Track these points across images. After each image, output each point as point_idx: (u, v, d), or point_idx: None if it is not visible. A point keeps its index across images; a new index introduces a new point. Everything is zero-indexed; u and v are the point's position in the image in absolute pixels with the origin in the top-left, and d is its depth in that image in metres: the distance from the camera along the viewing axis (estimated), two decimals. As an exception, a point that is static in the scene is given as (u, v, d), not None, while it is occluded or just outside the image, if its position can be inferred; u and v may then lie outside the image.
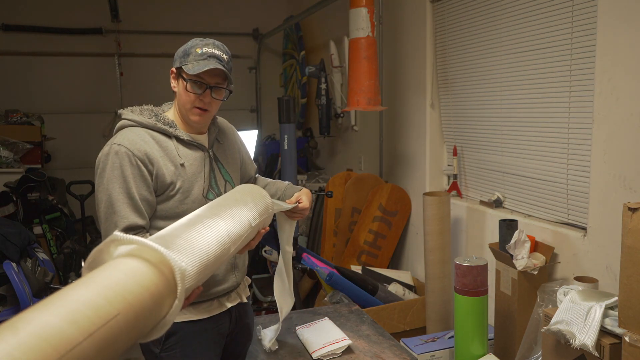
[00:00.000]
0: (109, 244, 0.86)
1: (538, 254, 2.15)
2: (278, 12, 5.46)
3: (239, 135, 1.79)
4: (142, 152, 1.41)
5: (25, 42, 4.88)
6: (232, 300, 1.61)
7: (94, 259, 0.86)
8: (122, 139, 1.43)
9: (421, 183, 3.17)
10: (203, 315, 1.53)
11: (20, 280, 2.68)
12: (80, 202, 4.40)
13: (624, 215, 1.40)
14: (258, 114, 5.72)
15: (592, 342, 1.48)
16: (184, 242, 0.99)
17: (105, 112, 5.17)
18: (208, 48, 1.46)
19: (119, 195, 1.38)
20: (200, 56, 1.45)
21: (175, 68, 1.51)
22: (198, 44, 1.47)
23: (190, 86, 1.47)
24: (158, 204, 1.46)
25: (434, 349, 2.26)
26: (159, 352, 1.48)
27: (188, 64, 1.45)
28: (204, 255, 1.01)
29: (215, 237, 1.08)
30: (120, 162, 1.39)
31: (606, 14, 1.88)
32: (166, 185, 1.45)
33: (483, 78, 2.69)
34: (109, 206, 1.38)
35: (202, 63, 1.44)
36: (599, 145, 1.96)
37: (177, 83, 1.52)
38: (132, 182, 1.39)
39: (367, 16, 2.96)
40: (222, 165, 1.61)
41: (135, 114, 1.49)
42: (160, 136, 1.48)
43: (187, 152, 1.51)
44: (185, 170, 1.49)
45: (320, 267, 2.79)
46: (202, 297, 1.51)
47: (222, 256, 1.10)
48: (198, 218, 1.12)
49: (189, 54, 1.46)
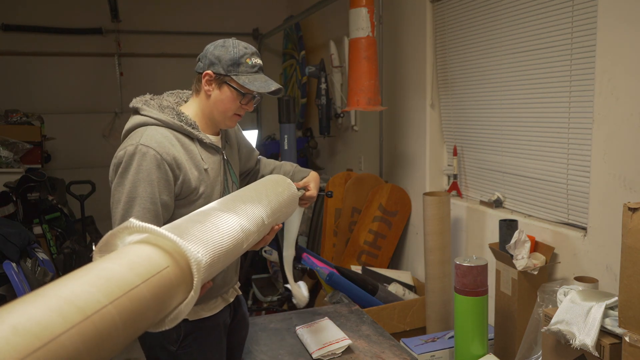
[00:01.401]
0: (123, 230, 0.86)
1: (538, 254, 2.15)
2: (278, 12, 5.46)
3: (240, 129, 1.77)
4: (170, 156, 1.36)
5: (25, 42, 4.88)
6: (231, 294, 1.66)
7: (106, 243, 0.87)
8: (148, 139, 1.36)
9: (421, 183, 3.17)
10: (213, 311, 1.56)
11: (20, 280, 2.68)
12: (80, 202, 4.40)
13: (624, 215, 1.40)
14: (258, 114, 5.72)
15: (592, 342, 1.48)
16: (199, 233, 0.98)
17: (105, 112, 5.18)
18: (255, 59, 1.46)
19: (140, 199, 1.33)
20: (252, 68, 1.44)
21: (213, 72, 1.44)
22: (246, 52, 1.44)
23: (242, 99, 1.46)
24: (179, 207, 1.42)
25: (434, 349, 2.26)
26: (176, 349, 1.50)
27: (241, 75, 1.43)
28: (218, 248, 1.00)
29: (228, 231, 1.07)
30: (147, 165, 1.33)
31: (606, 14, 1.88)
32: (191, 190, 1.42)
33: (483, 78, 2.69)
34: (128, 208, 1.33)
35: (260, 79, 1.44)
36: (599, 145, 1.96)
37: (213, 87, 1.46)
38: (157, 187, 1.34)
39: (367, 16, 2.96)
40: (231, 167, 1.61)
41: (155, 110, 1.43)
42: (184, 138, 1.44)
43: (209, 156, 1.49)
44: (208, 175, 1.47)
45: (320, 267, 2.79)
46: (212, 295, 1.55)
47: (234, 250, 1.09)
48: (212, 211, 1.12)
49: (240, 63, 1.43)
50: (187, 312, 0.87)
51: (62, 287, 0.65)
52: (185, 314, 0.87)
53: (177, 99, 1.55)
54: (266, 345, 1.98)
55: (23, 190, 3.78)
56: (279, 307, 3.22)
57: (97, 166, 4.98)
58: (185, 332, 1.49)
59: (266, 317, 2.26)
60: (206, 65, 1.44)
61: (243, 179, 1.82)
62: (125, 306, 0.69)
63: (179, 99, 1.55)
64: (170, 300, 0.83)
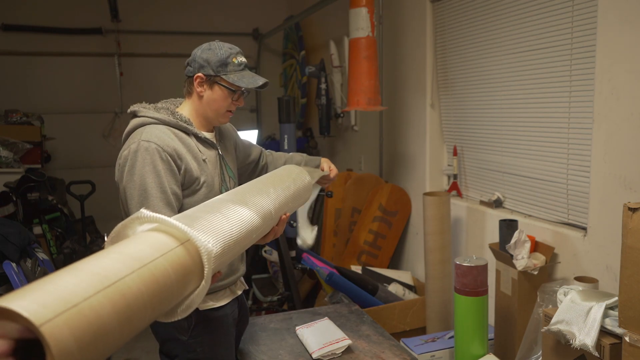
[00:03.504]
0: (134, 220, 0.88)
1: (538, 254, 2.15)
2: (278, 12, 5.46)
3: (235, 130, 1.87)
4: (171, 148, 1.47)
5: (25, 42, 4.88)
6: (239, 287, 1.74)
7: (118, 234, 0.89)
8: (149, 135, 1.46)
9: (421, 183, 3.17)
10: (222, 302, 1.63)
11: (20, 280, 2.68)
12: (80, 202, 4.40)
13: (624, 215, 1.40)
14: (258, 114, 5.72)
15: (592, 342, 1.48)
16: (208, 223, 0.99)
17: (105, 112, 5.18)
18: (240, 57, 1.57)
19: (152, 190, 1.42)
20: (239, 66, 1.56)
21: (204, 74, 1.55)
22: (231, 52, 1.56)
23: (233, 95, 1.57)
24: (184, 197, 1.52)
25: (434, 349, 2.26)
26: (187, 339, 1.58)
27: (229, 74, 1.54)
28: (227, 238, 1.01)
29: (238, 222, 1.08)
30: (151, 158, 1.43)
31: (606, 14, 1.88)
32: (193, 180, 1.52)
33: (483, 78, 2.69)
34: (142, 201, 1.42)
35: (246, 75, 1.55)
36: (599, 145, 1.95)
37: (205, 89, 1.57)
38: (164, 177, 1.44)
39: (367, 16, 2.96)
40: (226, 162, 1.69)
41: (152, 111, 1.54)
42: (181, 134, 1.54)
43: (205, 149, 1.59)
44: (207, 166, 1.57)
45: (320, 267, 2.79)
46: (220, 286, 1.62)
47: (243, 241, 1.11)
48: (221, 202, 1.14)
49: (227, 63, 1.54)
50: (198, 302, 0.90)
51: (94, 260, 0.73)
52: (197, 304, 0.90)
53: (171, 104, 1.65)
54: (266, 345, 1.98)
55: (23, 190, 3.78)
56: (279, 307, 3.22)
57: (97, 166, 4.98)
58: (195, 321, 1.57)
59: (266, 317, 2.26)
60: (196, 69, 1.56)
61: (251, 174, 1.93)
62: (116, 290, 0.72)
63: (172, 105, 1.65)
64: (187, 281, 0.85)
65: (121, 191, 1.47)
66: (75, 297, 0.63)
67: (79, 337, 0.61)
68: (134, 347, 3.48)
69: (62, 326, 0.59)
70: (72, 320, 0.61)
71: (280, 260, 3.10)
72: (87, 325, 0.62)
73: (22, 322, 0.57)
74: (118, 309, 0.67)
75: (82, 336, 0.61)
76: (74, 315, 0.61)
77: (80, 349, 0.61)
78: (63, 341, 0.59)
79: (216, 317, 1.61)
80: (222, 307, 1.63)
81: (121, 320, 0.68)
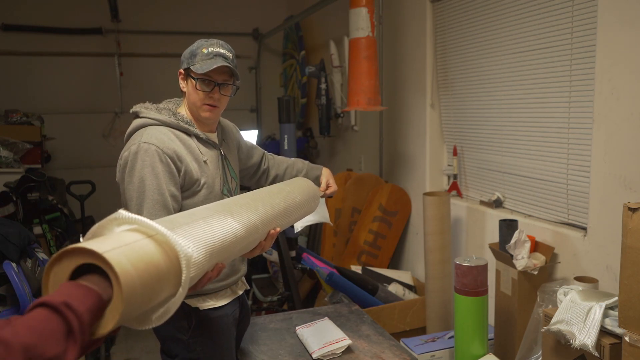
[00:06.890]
0: (111, 221, 0.86)
1: (538, 254, 2.15)
2: (278, 12, 5.45)
3: (238, 130, 1.87)
4: (171, 150, 1.47)
5: (25, 42, 4.88)
6: (240, 287, 1.74)
7: (94, 235, 0.85)
8: (149, 137, 1.47)
9: (421, 183, 3.17)
10: (222, 302, 1.63)
11: (20, 280, 2.67)
12: (80, 202, 4.39)
13: (624, 215, 1.40)
14: (258, 114, 5.71)
15: (592, 342, 1.48)
16: (191, 229, 0.97)
17: (105, 112, 5.17)
18: (213, 47, 1.53)
19: (149, 191, 1.43)
20: (207, 56, 1.52)
21: (183, 69, 1.57)
22: (203, 44, 1.54)
23: (199, 85, 1.53)
24: (185, 199, 1.52)
25: (434, 349, 2.26)
26: (187, 338, 1.58)
27: (196, 64, 1.52)
28: (209, 245, 0.99)
29: (221, 231, 1.06)
30: (150, 159, 1.44)
31: (606, 14, 1.88)
32: (193, 181, 1.52)
33: (483, 78, 2.69)
34: (141, 202, 1.43)
35: (209, 62, 1.50)
36: (599, 145, 1.95)
37: (185, 83, 1.58)
38: (162, 179, 1.44)
39: (367, 16, 2.96)
40: (229, 162, 1.69)
41: (153, 112, 1.54)
42: (182, 135, 1.54)
43: (206, 150, 1.59)
44: (208, 167, 1.57)
45: (320, 267, 2.79)
46: (221, 285, 1.63)
47: (226, 252, 1.08)
48: (207, 210, 1.13)
49: (196, 54, 1.53)
50: (174, 309, 0.86)
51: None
52: (172, 312, 0.87)
53: (173, 104, 1.65)
54: (266, 345, 1.98)
55: (23, 190, 3.77)
56: (279, 307, 3.22)
57: (97, 166, 4.98)
58: (196, 321, 1.57)
59: (266, 317, 2.26)
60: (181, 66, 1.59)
61: (252, 177, 1.92)
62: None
63: (174, 105, 1.65)
64: (162, 283, 0.82)
65: (122, 192, 1.48)
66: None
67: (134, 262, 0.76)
68: (134, 347, 3.48)
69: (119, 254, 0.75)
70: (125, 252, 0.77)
71: (280, 260, 3.10)
72: (137, 257, 0.77)
73: (87, 257, 0.74)
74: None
75: (136, 262, 0.77)
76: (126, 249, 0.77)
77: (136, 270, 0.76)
78: (121, 263, 0.74)
79: (216, 316, 1.61)
80: (223, 307, 1.63)
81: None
